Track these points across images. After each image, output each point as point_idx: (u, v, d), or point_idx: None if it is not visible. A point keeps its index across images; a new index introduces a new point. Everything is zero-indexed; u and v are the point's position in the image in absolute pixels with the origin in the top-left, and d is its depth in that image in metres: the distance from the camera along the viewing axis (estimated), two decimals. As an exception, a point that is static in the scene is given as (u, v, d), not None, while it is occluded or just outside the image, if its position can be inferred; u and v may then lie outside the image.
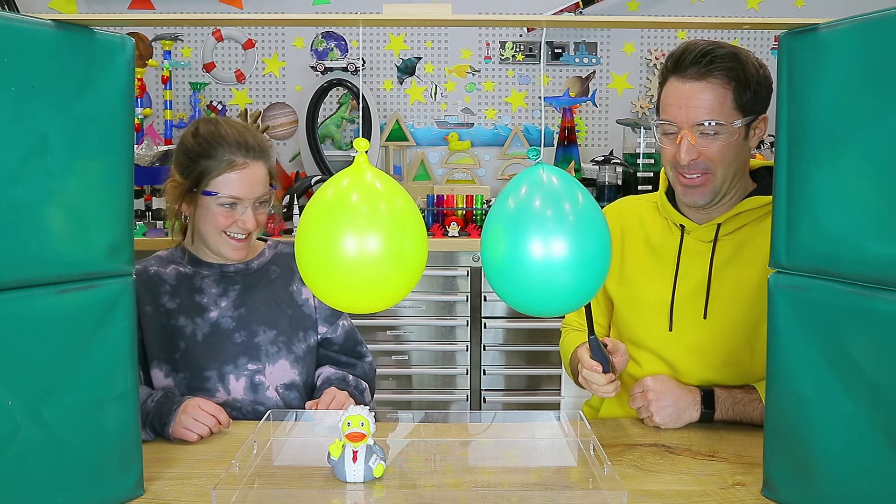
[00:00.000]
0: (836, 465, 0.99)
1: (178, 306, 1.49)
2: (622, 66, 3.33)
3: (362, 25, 0.98)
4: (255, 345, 1.50)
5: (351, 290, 0.94)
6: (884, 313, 0.92)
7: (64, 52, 0.96)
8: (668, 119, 1.37)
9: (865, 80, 0.92)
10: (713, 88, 1.32)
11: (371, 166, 0.97)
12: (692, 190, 1.39)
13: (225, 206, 1.43)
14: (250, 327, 1.51)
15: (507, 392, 2.85)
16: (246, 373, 1.48)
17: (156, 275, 1.51)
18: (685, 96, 1.34)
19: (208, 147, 1.43)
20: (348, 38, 3.26)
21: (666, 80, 1.39)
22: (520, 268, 0.93)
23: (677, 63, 1.35)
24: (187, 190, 1.45)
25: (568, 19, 1.09)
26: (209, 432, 1.32)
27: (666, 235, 1.50)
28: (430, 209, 2.86)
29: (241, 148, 1.43)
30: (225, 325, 1.50)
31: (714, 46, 1.33)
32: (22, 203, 0.93)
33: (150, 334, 1.47)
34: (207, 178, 1.42)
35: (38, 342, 0.96)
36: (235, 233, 1.45)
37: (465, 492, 1.12)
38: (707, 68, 1.32)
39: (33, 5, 3.17)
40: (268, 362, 1.50)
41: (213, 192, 1.42)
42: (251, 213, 1.44)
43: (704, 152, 1.35)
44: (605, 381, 1.31)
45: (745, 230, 1.43)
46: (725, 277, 1.43)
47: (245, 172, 1.43)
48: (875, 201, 0.92)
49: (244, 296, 1.52)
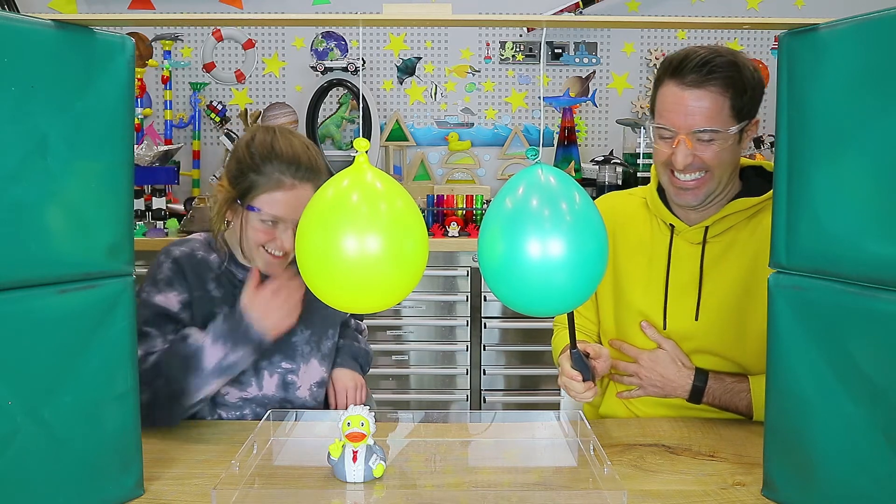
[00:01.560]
0: (836, 465, 0.99)
1: (222, 295, 1.46)
2: (622, 66, 3.33)
3: (362, 25, 0.98)
4: (291, 344, 1.50)
5: (351, 290, 0.94)
6: (884, 313, 0.92)
7: (64, 52, 0.96)
8: (666, 125, 1.37)
9: (865, 79, 0.92)
10: (712, 96, 1.33)
11: (371, 166, 0.97)
12: (685, 192, 1.41)
13: (266, 223, 1.39)
14: None
15: (507, 392, 2.85)
16: (279, 370, 1.49)
17: (203, 260, 1.47)
18: (684, 103, 1.34)
19: (260, 162, 1.39)
20: (348, 38, 3.26)
21: (663, 82, 1.39)
22: (517, 268, 0.93)
23: (677, 68, 1.35)
24: (233, 199, 1.42)
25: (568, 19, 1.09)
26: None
27: (656, 234, 1.52)
28: (430, 209, 2.86)
29: (292, 167, 1.39)
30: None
31: (714, 55, 1.34)
32: (22, 203, 0.93)
33: (200, 319, 1.44)
34: (253, 194, 1.39)
35: (38, 342, 0.96)
36: (273, 249, 1.41)
37: (465, 492, 1.12)
38: (706, 77, 1.33)
39: (33, 5, 3.17)
40: (302, 362, 1.51)
41: (255, 208, 1.39)
42: (291, 234, 1.39)
43: (701, 156, 1.36)
44: (584, 388, 1.36)
45: (732, 231, 1.45)
46: (715, 278, 1.45)
47: (291, 194, 1.38)
48: (875, 201, 0.92)
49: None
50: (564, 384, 1.38)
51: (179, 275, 1.44)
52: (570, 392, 1.38)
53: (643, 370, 1.46)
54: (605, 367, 1.42)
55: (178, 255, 1.46)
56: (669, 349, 1.45)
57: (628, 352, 1.50)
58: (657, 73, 1.42)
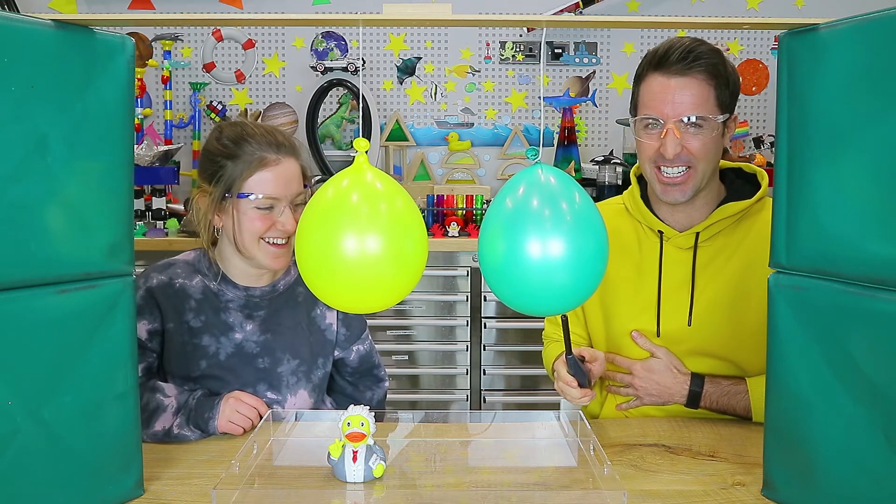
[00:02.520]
0: (836, 465, 0.99)
1: (202, 324, 1.42)
2: (622, 66, 3.33)
3: (362, 25, 0.98)
4: (277, 374, 1.45)
5: (351, 290, 0.94)
6: (884, 313, 0.92)
7: (64, 52, 0.96)
8: (652, 114, 1.37)
9: (865, 80, 0.92)
10: (698, 83, 1.34)
11: (371, 166, 0.97)
12: (672, 188, 1.40)
13: (262, 208, 1.34)
14: (275, 355, 1.45)
15: (507, 392, 2.85)
16: (265, 400, 1.42)
17: (181, 289, 1.43)
18: (670, 91, 1.35)
19: (235, 147, 1.35)
20: (348, 38, 3.26)
21: (646, 76, 1.40)
22: (517, 267, 0.93)
23: (662, 59, 1.36)
24: (219, 198, 1.36)
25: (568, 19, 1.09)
26: (252, 425, 1.32)
27: (644, 242, 1.51)
28: (430, 209, 2.86)
29: (272, 144, 1.35)
30: (249, 349, 1.44)
31: (697, 44, 1.36)
32: (22, 203, 0.93)
33: (171, 351, 1.42)
34: (240, 181, 1.34)
35: (38, 342, 0.96)
36: (275, 237, 1.36)
37: (465, 492, 1.12)
38: (691, 65, 1.34)
39: (33, 5, 3.17)
40: (288, 393, 1.45)
41: (247, 194, 1.34)
42: (290, 214, 1.35)
43: (688, 146, 1.36)
44: (581, 394, 1.37)
45: (721, 235, 1.46)
46: (707, 281, 1.45)
47: (278, 169, 1.35)
48: (875, 201, 0.92)
49: (269, 321, 1.46)
50: (561, 389, 1.39)
51: (151, 304, 1.41)
52: (567, 397, 1.38)
53: (638, 380, 1.45)
54: (600, 369, 1.42)
55: (154, 284, 1.42)
56: (663, 356, 1.44)
57: (621, 363, 1.48)
58: (638, 69, 1.43)
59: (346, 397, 1.60)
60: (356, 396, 1.60)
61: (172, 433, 1.31)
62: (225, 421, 1.31)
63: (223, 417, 1.31)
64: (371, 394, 1.61)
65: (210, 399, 1.34)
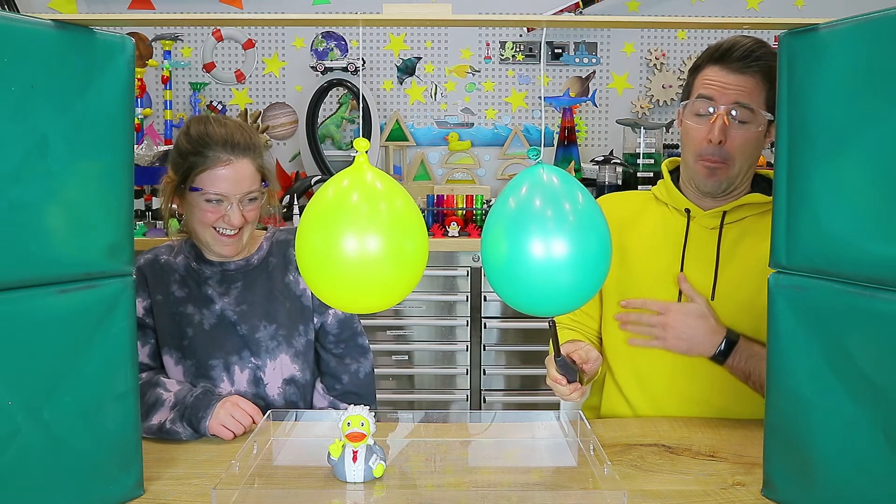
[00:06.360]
0: (836, 465, 0.99)
1: (186, 295, 1.53)
2: (622, 66, 3.33)
3: (362, 25, 0.98)
4: (255, 340, 1.52)
5: (351, 290, 0.94)
6: (884, 313, 0.92)
7: (64, 52, 0.96)
8: (707, 93, 1.40)
9: (866, 79, 0.92)
10: (754, 81, 1.39)
11: (371, 166, 0.97)
12: (714, 172, 1.43)
13: (210, 202, 1.46)
14: (251, 322, 1.53)
15: (507, 392, 2.85)
16: (250, 366, 1.51)
17: (166, 264, 1.55)
18: (728, 80, 1.39)
19: (197, 145, 1.46)
20: (348, 38, 3.26)
21: (704, 67, 1.43)
22: (520, 268, 0.93)
23: (724, 55, 1.40)
24: (177, 186, 1.49)
25: (568, 19, 1.09)
26: (244, 431, 1.35)
27: (670, 221, 1.52)
28: (430, 209, 2.86)
29: (227, 146, 1.46)
30: (229, 318, 1.53)
31: (759, 45, 1.40)
32: (22, 203, 0.93)
33: (161, 321, 1.52)
34: (193, 175, 1.46)
35: (38, 342, 0.96)
36: (223, 228, 1.48)
37: (465, 492, 1.12)
38: (750, 64, 1.38)
39: (33, 5, 3.17)
40: (268, 358, 1.52)
41: (198, 188, 1.46)
42: (237, 210, 1.46)
43: (731, 140, 1.39)
44: (569, 391, 1.37)
45: (747, 221, 1.47)
46: (732, 261, 1.46)
47: (229, 169, 1.45)
48: (875, 201, 0.92)
49: (245, 293, 1.55)
50: (551, 385, 1.40)
51: (141, 280, 1.52)
52: (556, 393, 1.39)
53: (673, 319, 1.40)
54: (594, 368, 1.42)
55: (141, 263, 1.54)
56: (703, 304, 1.41)
57: (652, 306, 1.44)
58: (697, 60, 1.46)
59: (333, 377, 1.61)
60: (342, 373, 1.61)
61: (165, 427, 1.34)
62: (217, 423, 1.34)
63: (216, 419, 1.34)
64: (357, 366, 1.63)
65: (207, 398, 1.37)
